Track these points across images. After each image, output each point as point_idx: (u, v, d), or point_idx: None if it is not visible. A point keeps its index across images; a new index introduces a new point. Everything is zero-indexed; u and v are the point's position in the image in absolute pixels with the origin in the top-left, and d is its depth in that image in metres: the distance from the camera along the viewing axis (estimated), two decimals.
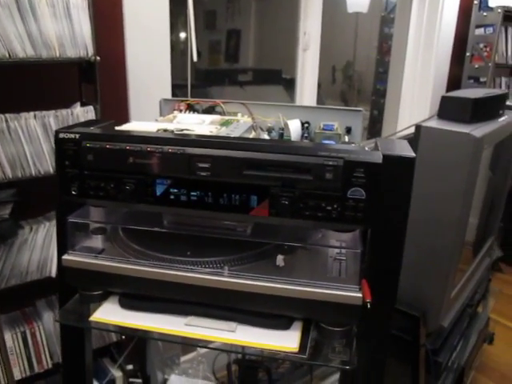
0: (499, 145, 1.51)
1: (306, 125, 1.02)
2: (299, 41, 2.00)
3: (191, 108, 1.04)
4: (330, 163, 0.61)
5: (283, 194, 0.64)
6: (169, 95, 1.53)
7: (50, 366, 1.30)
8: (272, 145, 0.63)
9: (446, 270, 1.28)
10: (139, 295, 0.78)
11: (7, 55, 1.00)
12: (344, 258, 0.76)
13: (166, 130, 0.75)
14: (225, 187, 0.66)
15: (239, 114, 1.00)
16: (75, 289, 0.83)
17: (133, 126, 0.79)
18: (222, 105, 1.03)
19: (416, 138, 1.26)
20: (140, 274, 0.74)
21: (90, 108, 1.16)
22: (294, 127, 0.86)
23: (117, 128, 0.78)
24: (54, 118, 1.11)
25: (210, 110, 1.04)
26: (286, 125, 0.89)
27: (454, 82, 2.43)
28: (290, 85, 2.37)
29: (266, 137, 0.93)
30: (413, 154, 0.71)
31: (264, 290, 0.71)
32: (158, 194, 0.68)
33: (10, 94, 1.19)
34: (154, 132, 0.73)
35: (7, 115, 1.07)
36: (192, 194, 0.67)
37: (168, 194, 0.68)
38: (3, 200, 1.10)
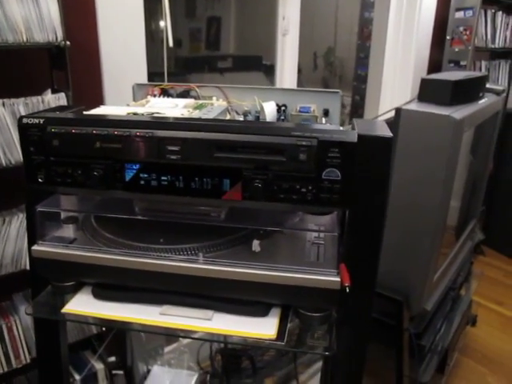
0: (479, 129, 1.51)
1: (283, 108, 1.00)
2: (278, 25, 1.97)
3: (165, 93, 1.02)
4: (304, 143, 0.60)
5: (256, 177, 0.62)
6: (145, 80, 1.49)
7: (29, 360, 1.28)
8: (243, 126, 0.61)
9: (428, 253, 1.28)
10: (113, 285, 0.76)
11: None
12: (322, 242, 0.75)
13: (135, 114, 0.73)
14: (196, 171, 0.64)
15: (214, 98, 0.98)
16: (48, 280, 0.80)
17: (102, 110, 0.76)
18: (196, 89, 1.01)
19: (396, 121, 1.26)
20: (112, 263, 0.72)
21: (62, 95, 1.12)
22: (269, 110, 0.84)
23: (85, 113, 0.75)
24: (23, 106, 1.07)
25: (184, 95, 1.01)
26: (262, 108, 0.87)
27: (434, 65, 2.43)
28: (270, 71, 2.35)
29: (240, 119, 0.91)
30: (390, 134, 0.69)
31: (240, 276, 0.69)
32: (128, 179, 0.66)
33: None
34: (123, 115, 0.70)
35: None
36: (162, 178, 0.65)
37: (138, 180, 0.66)
38: None
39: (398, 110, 1.25)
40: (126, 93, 1.02)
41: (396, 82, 2.36)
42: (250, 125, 0.61)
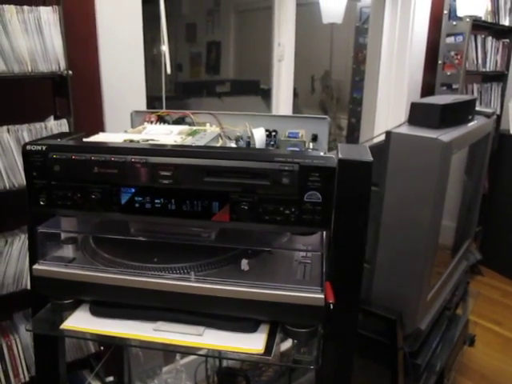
0: (472, 149, 1.55)
1: (273, 133, 1.05)
2: (274, 52, 2.04)
3: (162, 119, 1.07)
4: (286, 168, 0.64)
5: (243, 200, 0.66)
6: (144, 107, 1.55)
7: (28, 379, 1.30)
8: (230, 152, 0.66)
9: (421, 272, 1.31)
10: (109, 302, 0.79)
11: None
12: (308, 261, 0.78)
13: (132, 141, 0.78)
14: (187, 194, 0.68)
15: (208, 124, 1.03)
16: (47, 298, 0.84)
17: (101, 137, 0.81)
18: (191, 115, 1.06)
19: (387, 144, 1.29)
20: (108, 282, 0.76)
21: (64, 121, 1.18)
22: (258, 135, 0.89)
23: (85, 140, 0.80)
24: (27, 132, 1.13)
25: (179, 121, 1.06)
26: (252, 133, 0.92)
27: (427, 89, 2.49)
28: (267, 95, 2.41)
29: (233, 145, 0.95)
30: (370, 158, 0.73)
31: (229, 293, 0.73)
32: (123, 202, 0.70)
33: None
34: (119, 143, 0.75)
35: None
36: (156, 201, 0.70)
37: (133, 203, 0.70)
38: None
39: (388, 133, 1.29)
40: (125, 119, 1.07)
41: (390, 105, 2.42)
42: (237, 151, 0.66)
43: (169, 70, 1.50)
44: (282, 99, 2.12)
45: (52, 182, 0.72)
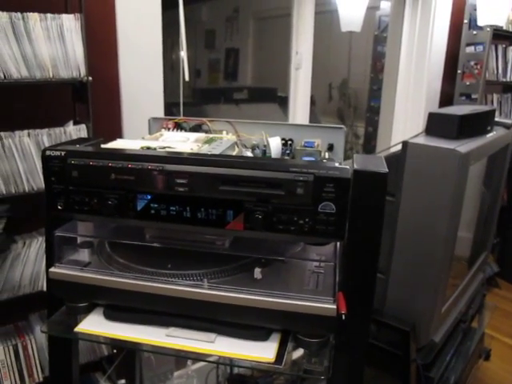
0: (491, 160, 1.53)
1: (289, 142, 1.05)
2: (291, 60, 2.05)
3: (179, 126, 1.08)
4: (301, 178, 0.64)
5: (257, 209, 0.67)
6: (161, 114, 1.57)
7: (41, 379, 1.32)
8: (246, 161, 0.66)
9: (436, 284, 1.29)
10: (123, 307, 0.80)
11: (2, 76, 1.05)
12: (321, 271, 0.78)
13: (149, 148, 0.79)
14: (202, 202, 0.69)
15: (224, 132, 1.04)
16: (63, 300, 0.85)
17: (118, 143, 0.83)
18: (208, 123, 1.07)
19: (403, 154, 1.29)
20: (122, 286, 0.77)
21: (83, 126, 1.20)
22: (274, 144, 0.90)
23: (103, 146, 0.81)
24: (47, 136, 1.15)
25: (196, 128, 1.07)
26: (268, 142, 0.92)
27: (446, 98, 2.47)
28: (285, 103, 2.42)
29: (249, 154, 0.96)
30: (385, 170, 0.73)
31: (241, 301, 0.73)
32: (139, 208, 0.71)
33: (6, 113, 1.23)
34: (137, 149, 0.76)
35: (2, 133, 1.10)
36: (171, 208, 0.70)
37: (148, 209, 0.71)
38: None
39: (405, 144, 1.28)
40: (143, 125, 1.08)
41: (408, 115, 2.41)
42: (253, 161, 0.66)
43: (187, 77, 1.52)
44: (299, 107, 2.13)
45: (70, 187, 0.73)
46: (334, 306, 0.71)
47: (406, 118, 2.41)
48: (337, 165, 0.67)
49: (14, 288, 1.20)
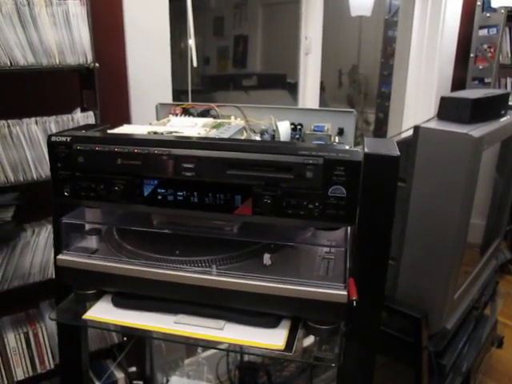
0: (505, 145, 1.50)
1: (298, 126, 1.03)
2: (301, 45, 2.01)
3: (187, 112, 1.06)
4: (311, 162, 0.63)
5: (266, 193, 0.65)
6: (170, 100, 1.55)
7: (53, 366, 1.33)
8: (254, 145, 0.65)
9: (448, 270, 1.28)
10: (131, 294, 0.80)
11: (9, 63, 1.04)
12: (332, 257, 0.77)
13: (156, 133, 0.77)
14: (209, 187, 0.67)
15: (232, 117, 1.02)
16: (71, 288, 0.85)
17: (125, 129, 0.81)
18: (216, 108, 1.05)
19: (415, 139, 1.26)
20: (130, 273, 0.76)
21: (90, 113, 1.19)
22: (283, 128, 0.88)
23: (109, 131, 0.80)
24: (54, 124, 1.14)
25: (204, 114, 1.06)
26: (277, 126, 0.91)
27: (458, 83, 2.42)
28: (294, 89, 2.38)
29: (257, 139, 0.94)
30: (397, 153, 0.71)
31: (250, 288, 0.72)
32: (146, 194, 0.70)
33: (13, 101, 1.22)
34: (143, 134, 0.75)
35: (9, 121, 1.10)
36: (178, 194, 0.69)
37: (155, 195, 0.70)
38: (5, 203, 1.13)
39: (417, 128, 1.26)
40: (151, 112, 1.07)
41: (419, 100, 2.37)
42: (261, 144, 0.65)
43: (195, 64, 1.50)
44: (309, 93, 2.10)
45: (76, 173, 0.72)
46: (345, 293, 0.70)
47: (417, 104, 2.37)
48: (347, 148, 0.65)
49: (24, 276, 1.21)
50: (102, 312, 0.80)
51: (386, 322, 1.54)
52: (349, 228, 0.76)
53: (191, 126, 0.90)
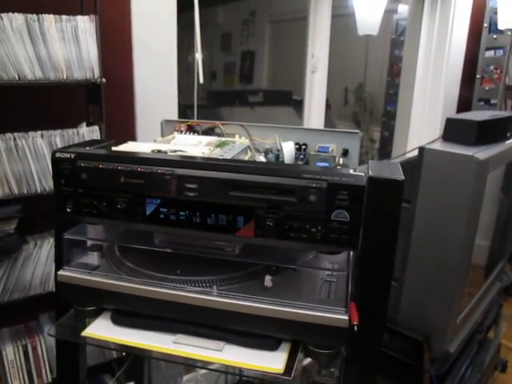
0: (510, 168, 1.49)
1: (303, 146, 1.03)
2: (307, 63, 2.03)
3: (191, 129, 1.07)
4: (314, 185, 0.62)
5: (268, 216, 0.65)
6: (175, 116, 1.56)
7: (50, 380, 1.32)
8: (257, 167, 0.65)
9: (452, 293, 1.26)
10: (131, 312, 0.79)
11: (17, 77, 1.05)
12: (333, 280, 0.76)
13: (159, 151, 0.77)
14: (212, 208, 0.67)
15: (237, 136, 1.02)
16: (71, 303, 0.84)
17: (129, 146, 0.82)
18: (220, 126, 1.05)
19: (419, 160, 1.26)
20: (130, 291, 0.75)
21: (96, 128, 1.19)
22: (288, 149, 0.88)
23: (114, 148, 0.80)
24: (60, 137, 1.15)
25: (209, 132, 1.06)
26: (281, 147, 0.91)
27: (464, 104, 2.43)
28: (300, 106, 2.39)
29: (262, 158, 0.94)
30: (401, 177, 0.71)
31: (250, 310, 0.71)
32: (148, 212, 0.70)
33: (22, 114, 1.23)
34: (147, 153, 0.75)
35: (16, 134, 1.11)
36: (181, 213, 0.69)
37: (158, 213, 0.70)
38: (9, 215, 1.13)
39: (422, 149, 1.26)
40: (156, 128, 1.07)
41: (424, 120, 2.37)
42: (264, 166, 0.65)
43: (201, 79, 1.51)
44: (314, 110, 2.11)
45: (79, 190, 0.72)
46: (346, 317, 0.69)
47: (422, 124, 2.37)
48: (351, 172, 0.65)
49: (24, 288, 1.20)
50: (101, 329, 0.79)
51: (387, 343, 1.52)
52: (351, 251, 0.75)
53: (195, 145, 0.90)
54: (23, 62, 1.05)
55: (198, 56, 1.48)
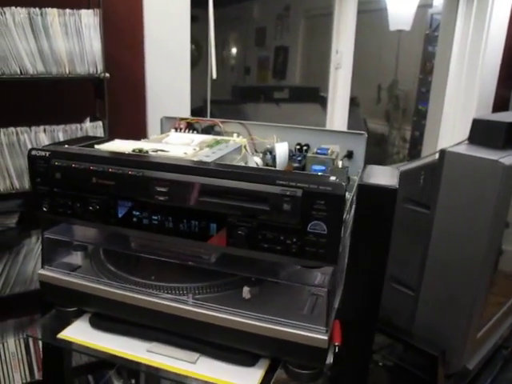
0: None
1: (305, 147, 0.98)
2: (331, 59, 1.95)
3: (191, 127, 1.03)
4: (288, 193, 0.57)
5: (240, 224, 0.60)
6: (188, 113, 1.53)
7: None
8: (229, 171, 0.60)
9: (471, 305, 1.18)
10: (109, 316, 0.77)
11: (18, 71, 1.04)
12: (320, 294, 0.71)
13: (140, 151, 0.74)
14: (183, 213, 0.63)
15: (235, 135, 0.98)
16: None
17: (112, 144, 0.79)
18: (220, 124, 1.02)
19: (440, 163, 1.18)
20: (103, 294, 0.73)
21: (99, 123, 1.18)
22: (281, 150, 0.82)
23: (97, 146, 0.77)
24: (62, 132, 1.14)
25: (208, 130, 1.03)
26: (274, 148, 0.85)
27: (501, 103, 2.28)
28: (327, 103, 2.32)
29: (256, 159, 0.89)
30: (395, 186, 0.64)
31: (225, 322, 0.67)
32: (120, 215, 0.67)
33: (28, 109, 1.23)
34: (121, 153, 0.71)
35: (18, 128, 1.11)
36: (153, 217, 0.65)
37: (130, 217, 0.67)
38: (10, 210, 1.14)
39: (443, 152, 1.18)
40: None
41: (457, 120, 2.24)
42: (237, 170, 0.60)
43: (214, 76, 1.47)
44: (338, 108, 2.03)
45: (54, 189, 0.70)
46: (326, 337, 0.63)
47: (454, 124, 2.24)
48: (332, 179, 0.59)
49: (25, 282, 1.21)
50: (78, 332, 0.77)
51: (401, 355, 1.46)
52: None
53: (187, 144, 0.86)
54: (25, 56, 1.04)
55: (212, 50, 1.45)
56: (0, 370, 1.24)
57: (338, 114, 2.03)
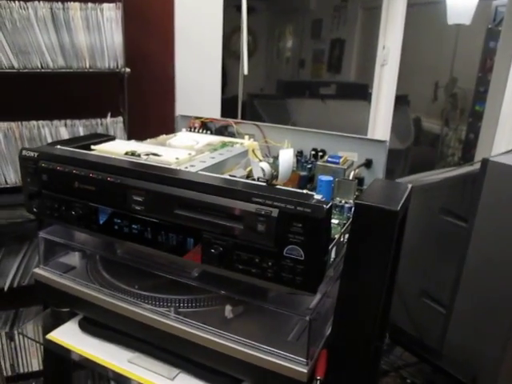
0: None
1: (320, 153, 0.91)
2: (377, 55, 1.84)
3: (205, 126, 1.00)
4: (263, 212, 0.52)
5: (215, 242, 0.56)
6: (218, 111, 1.49)
7: None
8: (202, 183, 0.55)
9: (509, 327, 1.07)
10: (98, 321, 0.75)
11: (39, 65, 1.05)
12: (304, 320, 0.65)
13: (133, 154, 0.71)
14: (159, 224, 0.60)
15: (246, 137, 0.93)
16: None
17: (108, 146, 0.76)
18: (234, 125, 0.97)
19: (482, 173, 1.08)
20: (90, 299, 0.72)
21: (120, 119, 1.17)
22: (286, 158, 0.76)
23: (93, 147, 0.75)
24: (83, 127, 1.14)
25: (222, 130, 0.99)
26: (278, 155, 0.79)
27: None
28: None
29: (263, 165, 0.83)
30: (396, 208, 0.57)
31: (204, 342, 0.63)
32: (101, 222, 0.64)
33: (55, 102, 1.24)
34: (106, 157, 0.68)
35: (40, 122, 1.12)
36: (133, 226, 0.62)
37: (110, 224, 0.64)
38: None
39: (485, 162, 1.07)
40: None
41: None
42: (215, 183, 0.55)
43: (246, 71, 1.42)
44: (382, 106, 1.92)
45: (42, 191, 0.69)
46: (305, 370, 0.58)
47: None
48: (316, 197, 0.53)
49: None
50: (66, 335, 0.76)
51: (430, 377, 1.36)
52: None
53: (190, 146, 0.82)
54: (45, 50, 1.04)
55: (244, 46, 1.40)
56: (20, 356, 1.28)
57: (381, 113, 1.92)
